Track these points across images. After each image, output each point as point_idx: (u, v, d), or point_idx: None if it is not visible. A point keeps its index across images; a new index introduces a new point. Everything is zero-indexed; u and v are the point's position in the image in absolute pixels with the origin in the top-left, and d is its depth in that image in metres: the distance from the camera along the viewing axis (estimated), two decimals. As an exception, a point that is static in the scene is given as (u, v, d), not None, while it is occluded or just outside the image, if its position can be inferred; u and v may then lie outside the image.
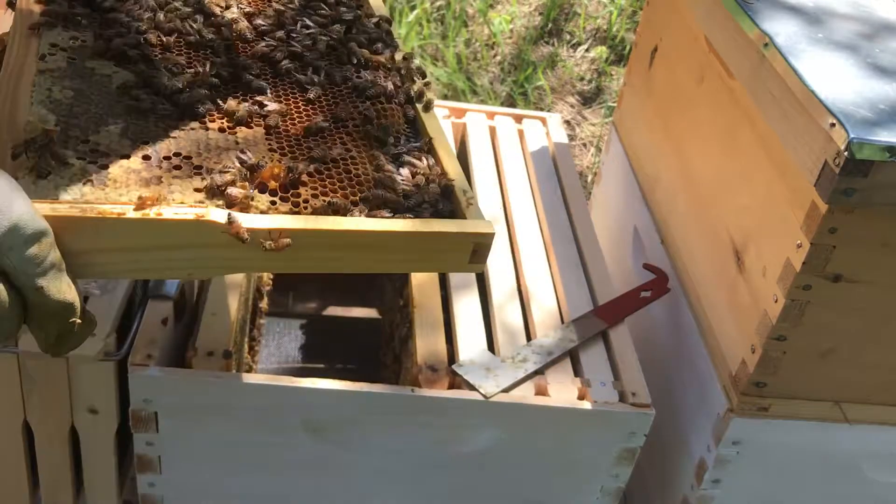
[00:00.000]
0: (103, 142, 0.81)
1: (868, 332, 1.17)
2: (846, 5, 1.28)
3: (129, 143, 0.82)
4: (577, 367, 1.24)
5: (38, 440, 1.22)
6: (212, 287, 1.26)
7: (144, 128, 0.83)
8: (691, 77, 1.47)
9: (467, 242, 0.81)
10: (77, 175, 0.76)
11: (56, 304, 0.70)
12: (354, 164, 0.87)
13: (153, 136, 0.82)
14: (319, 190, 0.83)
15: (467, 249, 0.81)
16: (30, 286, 0.68)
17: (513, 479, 1.24)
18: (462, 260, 0.82)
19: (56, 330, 0.72)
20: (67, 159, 0.78)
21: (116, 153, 0.81)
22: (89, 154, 0.80)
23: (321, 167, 0.85)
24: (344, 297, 2.06)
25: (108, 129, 0.82)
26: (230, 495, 1.24)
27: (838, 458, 1.29)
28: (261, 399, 1.13)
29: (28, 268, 0.68)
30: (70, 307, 0.71)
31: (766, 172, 1.19)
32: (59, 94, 0.84)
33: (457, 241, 0.81)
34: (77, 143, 0.80)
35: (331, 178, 0.85)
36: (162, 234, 0.73)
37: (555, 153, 1.70)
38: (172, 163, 0.82)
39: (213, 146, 0.84)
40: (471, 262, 0.83)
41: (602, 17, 3.49)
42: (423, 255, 0.83)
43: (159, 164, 0.80)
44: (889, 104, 1.04)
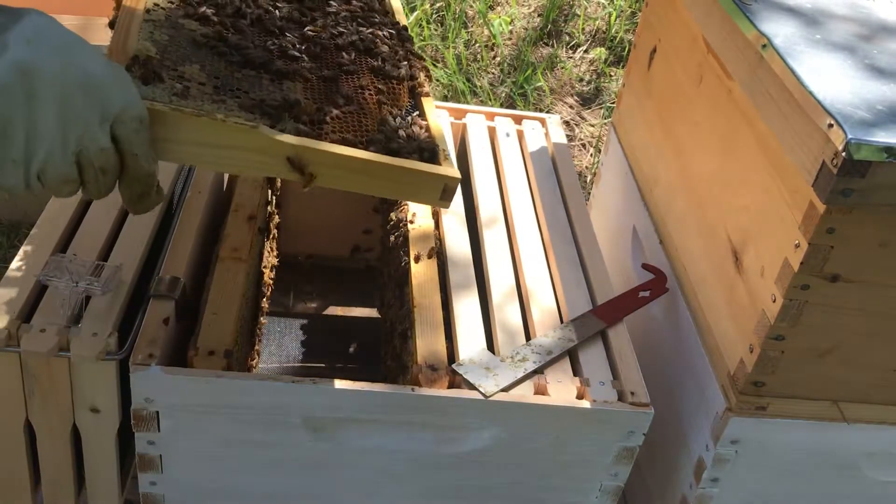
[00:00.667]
0: (188, 72, 1.06)
1: (866, 331, 1.17)
2: (844, 6, 1.29)
3: (206, 76, 1.08)
4: (576, 366, 1.24)
5: (40, 439, 1.22)
6: (213, 286, 1.27)
7: (217, 68, 1.10)
8: (690, 78, 1.47)
9: (439, 182, 1.06)
10: (168, 89, 1.01)
11: (144, 170, 0.92)
12: (366, 118, 1.13)
13: (223, 74, 1.10)
14: (338, 129, 1.09)
15: (438, 187, 1.07)
16: (130, 152, 0.91)
17: (512, 479, 1.24)
18: (434, 196, 1.07)
19: (139, 190, 0.94)
20: (163, 77, 1.02)
21: (196, 80, 1.06)
22: (177, 77, 1.04)
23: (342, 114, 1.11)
24: (344, 297, 2.06)
25: (192, 65, 1.08)
26: (231, 494, 1.24)
27: (836, 458, 1.30)
28: (262, 398, 1.14)
29: (132, 137, 0.90)
30: (153, 174, 0.94)
31: (764, 173, 1.20)
32: (158, 36, 1.10)
33: (430, 179, 1.06)
34: (168, 70, 1.05)
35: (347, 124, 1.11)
36: (223, 135, 0.98)
37: (554, 154, 1.71)
38: (235, 93, 1.07)
39: (266, 86, 1.11)
40: (441, 198, 1.07)
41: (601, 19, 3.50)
42: (404, 186, 1.08)
43: (226, 93, 1.06)
44: (887, 105, 1.05)
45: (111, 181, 0.91)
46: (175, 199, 1.45)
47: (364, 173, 1.04)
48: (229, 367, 1.15)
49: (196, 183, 1.45)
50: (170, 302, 1.21)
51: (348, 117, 1.12)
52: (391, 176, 1.05)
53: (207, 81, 1.06)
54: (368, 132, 1.11)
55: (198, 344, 1.17)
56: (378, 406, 1.15)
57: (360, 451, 1.20)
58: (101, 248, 1.27)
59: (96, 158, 0.88)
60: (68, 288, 1.15)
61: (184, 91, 1.02)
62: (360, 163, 1.03)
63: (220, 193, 1.57)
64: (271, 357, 1.85)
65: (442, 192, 1.07)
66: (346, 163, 1.03)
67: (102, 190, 0.91)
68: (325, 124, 1.08)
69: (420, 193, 1.08)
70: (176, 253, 1.30)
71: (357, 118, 1.13)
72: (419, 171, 1.06)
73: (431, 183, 1.06)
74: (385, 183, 1.06)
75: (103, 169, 0.89)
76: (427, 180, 1.06)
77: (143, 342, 1.14)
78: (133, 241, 1.29)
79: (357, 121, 1.12)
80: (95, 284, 1.16)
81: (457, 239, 1.44)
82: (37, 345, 1.11)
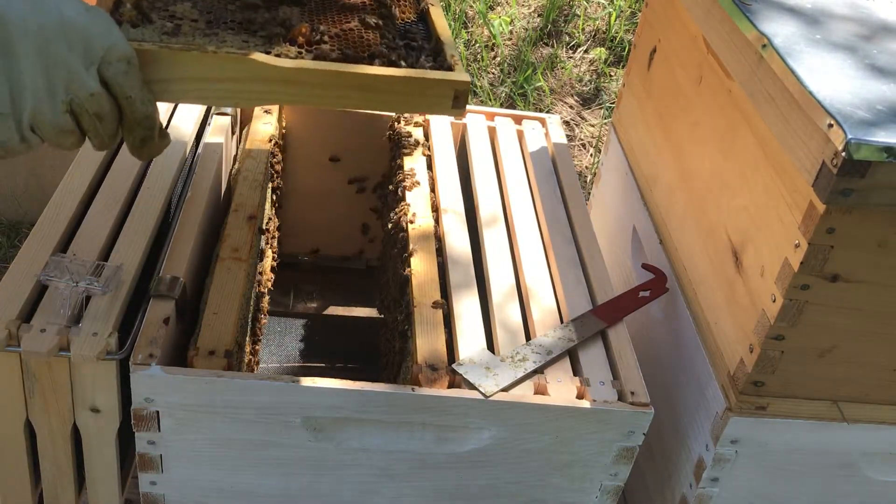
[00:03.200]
0: (179, 10, 1.07)
1: (866, 331, 1.17)
2: (844, 6, 1.29)
3: (198, 12, 1.08)
4: (576, 366, 1.24)
5: (40, 439, 1.22)
6: (213, 286, 1.27)
7: (210, 3, 1.10)
8: (690, 78, 1.48)
9: (449, 88, 1.02)
10: (157, 29, 1.02)
11: (141, 112, 0.91)
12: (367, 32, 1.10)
13: (216, 8, 1.09)
14: (338, 46, 1.06)
15: (449, 94, 1.02)
16: (123, 95, 0.90)
17: (512, 478, 1.24)
18: (446, 104, 1.03)
19: (141, 134, 0.93)
20: (152, 18, 1.03)
21: (188, 17, 1.06)
22: (168, 17, 1.05)
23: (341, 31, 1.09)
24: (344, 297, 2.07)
25: (183, 3, 1.08)
26: (231, 494, 1.24)
27: (836, 457, 1.30)
28: (262, 398, 1.14)
29: (123, 80, 0.89)
30: (152, 116, 0.93)
31: (764, 173, 1.20)
32: None
33: (441, 86, 1.02)
34: (159, 11, 1.05)
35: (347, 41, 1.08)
36: (217, 67, 0.96)
37: (554, 154, 1.71)
38: (229, 25, 1.06)
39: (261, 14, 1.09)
40: (453, 106, 1.03)
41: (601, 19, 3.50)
42: (413, 98, 1.03)
43: (218, 25, 1.06)
44: (887, 105, 1.05)
45: (111, 127, 0.91)
46: (175, 199, 1.45)
47: (369, 89, 1.00)
48: (229, 367, 1.15)
49: (196, 183, 1.45)
50: (170, 302, 1.21)
51: (348, 34, 1.09)
52: (398, 89, 1.01)
53: (200, 17, 1.06)
54: (371, 46, 1.07)
55: (198, 344, 1.17)
56: (378, 406, 1.15)
57: (360, 451, 1.20)
58: (101, 248, 1.27)
59: (88, 104, 0.87)
60: (68, 288, 1.15)
61: (174, 29, 1.01)
62: (363, 78, 0.99)
63: (220, 193, 1.57)
64: (271, 357, 1.85)
65: (454, 99, 1.03)
66: (347, 80, 0.99)
67: (105, 138, 0.91)
68: (322, 43, 1.05)
69: (431, 104, 1.04)
70: (176, 253, 1.30)
71: (358, 34, 1.09)
72: (426, 80, 1.02)
73: (440, 90, 1.02)
74: (392, 97, 1.02)
75: (98, 115, 0.88)
76: (435, 87, 1.02)
77: (144, 342, 1.14)
78: (133, 241, 1.29)
79: (358, 36, 1.09)
80: (95, 284, 1.16)
81: (457, 239, 1.44)
82: (37, 345, 1.11)
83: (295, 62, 0.99)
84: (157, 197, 1.39)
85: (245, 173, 1.54)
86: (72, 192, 1.37)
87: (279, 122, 1.76)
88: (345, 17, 1.12)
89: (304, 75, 0.98)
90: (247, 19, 1.08)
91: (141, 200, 1.38)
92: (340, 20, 1.12)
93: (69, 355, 1.12)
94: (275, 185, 1.75)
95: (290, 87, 0.99)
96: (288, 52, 1.03)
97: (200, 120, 1.62)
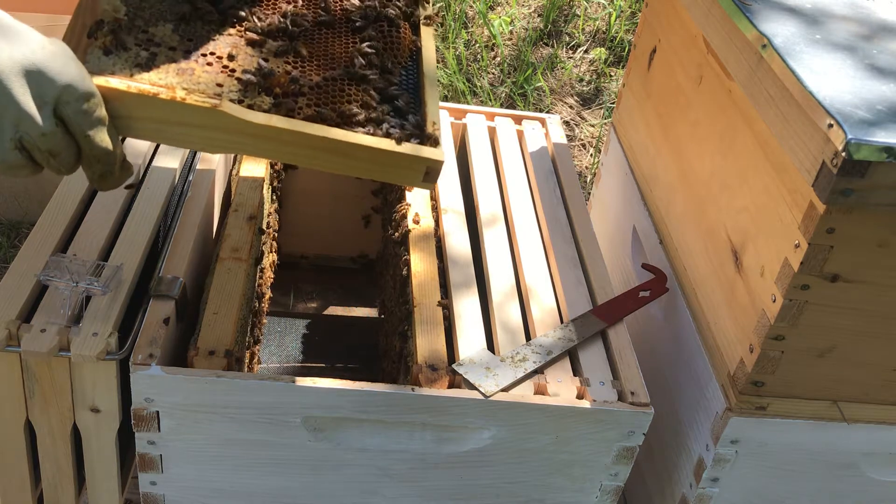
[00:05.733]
0: (158, 34, 1.02)
1: (866, 331, 1.17)
2: (844, 6, 1.29)
3: (178, 38, 1.03)
4: (576, 366, 1.24)
5: (41, 439, 1.22)
6: (213, 286, 1.27)
7: (192, 29, 1.05)
8: (690, 78, 1.48)
9: (421, 165, 0.99)
10: (130, 59, 0.97)
11: (100, 150, 0.90)
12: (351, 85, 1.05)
13: (198, 35, 1.04)
14: (314, 101, 1.01)
15: (421, 170, 1.00)
16: (81, 134, 0.89)
17: (512, 478, 1.24)
18: (416, 178, 1.01)
19: (100, 170, 0.93)
20: (127, 45, 0.99)
21: (166, 45, 1.01)
22: (145, 42, 1.00)
23: (324, 81, 1.03)
24: (344, 297, 2.07)
25: (165, 24, 1.03)
26: (231, 494, 1.24)
27: (836, 457, 1.30)
28: (262, 398, 1.14)
29: (79, 119, 0.88)
30: (111, 153, 0.92)
31: (764, 173, 1.20)
32: None
33: (413, 162, 0.99)
34: (138, 31, 1.01)
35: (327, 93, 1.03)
36: (184, 113, 0.93)
37: (554, 154, 1.71)
38: (207, 59, 1.01)
39: (243, 51, 1.04)
40: (423, 180, 1.01)
41: (601, 19, 3.50)
42: (385, 168, 1.00)
43: (196, 59, 1.01)
44: (887, 105, 1.05)
45: (67, 161, 0.90)
46: (175, 199, 1.45)
47: (338, 154, 0.97)
48: (229, 367, 1.15)
49: (196, 183, 1.45)
50: (170, 302, 1.22)
51: (329, 85, 1.03)
52: (367, 157, 0.98)
53: (178, 46, 1.01)
54: (350, 103, 1.02)
55: (198, 344, 1.17)
56: (378, 406, 1.15)
57: (360, 451, 1.20)
58: (101, 248, 1.27)
59: (41, 143, 0.86)
60: (68, 288, 1.15)
61: (148, 60, 0.97)
62: (332, 143, 0.96)
63: (220, 193, 1.58)
64: (271, 357, 1.85)
65: (424, 174, 1.00)
66: (316, 142, 0.96)
67: (62, 170, 0.90)
68: (300, 96, 1.00)
69: (401, 176, 1.01)
70: (176, 253, 1.30)
71: (339, 86, 1.04)
72: (397, 154, 0.99)
73: (412, 165, 0.99)
74: (362, 164, 0.99)
75: (52, 152, 0.88)
76: (407, 162, 0.99)
77: (144, 342, 1.14)
78: (133, 241, 1.29)
79: (339, 89, 1.03)
80: (96, 284, 1.16)
81: (457, 239, 1.44)
82: (37, 345, 1.11)
83: (265, 117, 0.95)
84: (157, 197, 1.39)
85: (245, 173, 1.54)
86: (72, 192, 1.37)
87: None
88: (332, 63, 1.06)
89: (273, 132, 0.95)
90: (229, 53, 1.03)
91: (141, 200, 1.38)
92: (326, 66, 1.06)
93: (69, 355, 1.12)
94: (274, 185, 1.75)
95: (258, 141, 0.96)
96: (262, 102, 0.98)
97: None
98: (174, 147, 1.41)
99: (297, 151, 0.97)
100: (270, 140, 0.96)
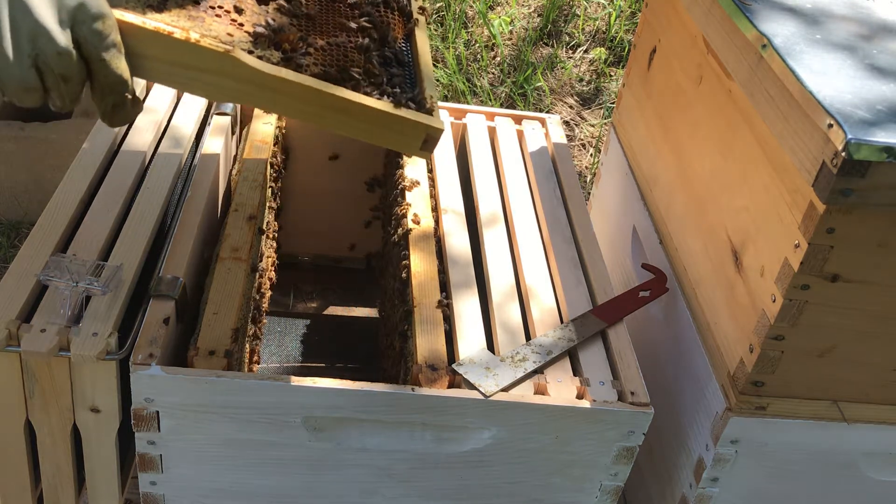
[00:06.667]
0: None
1: (866, 331, 1.17)
2: (844, 6, 1.29)
3: None
4: (576, 366, 1.24)
5: (40, 439, 1.22)
6: (213, 286, 1.27)
7: None
8: (689, 78, 1.48)
9: (422, 131, 1.01)
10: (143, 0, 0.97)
11: (115, 76, 0.88)
12: (354, 53, 1.07)
13: None
14: (321, 61, 1.03)
15: (420, 137, 1.01)
16: (95, 57, 0.87)
17: (512, 478, 1.24)
18: (415, 145, 1.02)
19: (112, 100, 0.91)
20: None
21: None
22: None
23: (328, 45, 1.05)
24: (344, 297, 2.07)
25: None
26: (231, 494, 1.24)
27: (836, 457, 1.30)
28: (262, 398, 1.14)
29: (95, 40, 0.86)
30: (125, 82, 0.90)
31: (763, 173, 1.20)
32: None
33: (412, 127, 1.00)
34: None
35: (332, 56, 1.05)
36: (197, 56, 0.93)
37: (554, 154, 1.71)
38: (216, 11, 1.02)
39: (251, 9, 1.05)
40: (421, 148, 1.02)
41: (601, 19, 3.50)
42: (384, 132, 1.01)
43: (206, 10, 1.01)
44: (887, 105, 1.05)
45: (74, 89, 0.88)
46: (175, 199, 1.45)
47: (343, 113, 0.99)
48: (229, 367, 1.15)
49: (196, 183, 1.45)
50: (170, 302, 1.22)
51: (334, 49, 1.06)
52: (370, 118, 0.99)
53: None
54: (354, 67, 1.04)
55: (198, 344, 1.17)
56: (378, 406, 1.15)
57: (361, 450, 1.20)
58: (101, 248, 1.27)
59: (55, 63, 0.84)
60: (68, 288, 1.15)
61: (160, 4, 0.97)
62: (340, 101, 0.98)
63: (221, 193, 1.58)
64: (271, 357, 1.85)
65: (423, 142, 1.01)
66: (324, 99, 0.97)
67: (66, 99, 0.88)
68: (307, 55, 1.02)
69: (400, 141, 1.02)
70: (176, 253, 1.30)
71: (343, 51, 1.06)
72: (401, 118, 1.00)
73: (413, 131, 1.01)
74: (364, 126, 1.00)
75: (64, 76, 0.86)
76: (409, 127, 1.00)
77: (144, 342, 1.14)
78: (133, 241, 1.29)
79: (343, 54, 1.06)
80: (96, 284, 1.16)
81: (457, 239, 1.44)
82: (37, 345, 1.11)
83: (275, 68, 0.97)
84: (157, 197, 1.39)
85: (245, 173, 1.54)
86: (72, 192, 1.37)
87: (279, 122, 1.76)
88: (335, 30, 1.09)
89: (282, 84, 0.96)
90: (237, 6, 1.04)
91: (141, 200, 1.38)
92: (330, 32, 1.09)
93: (69, 355, 1.12)
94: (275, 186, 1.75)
95: (265, 93, 0.97)
96: (272, 56, 1.00)
97: (200, 120, 1.62)
98: (173, 151, 1.44)
99: (302, 107, 0.98)
100: (277, 92, 0.97)
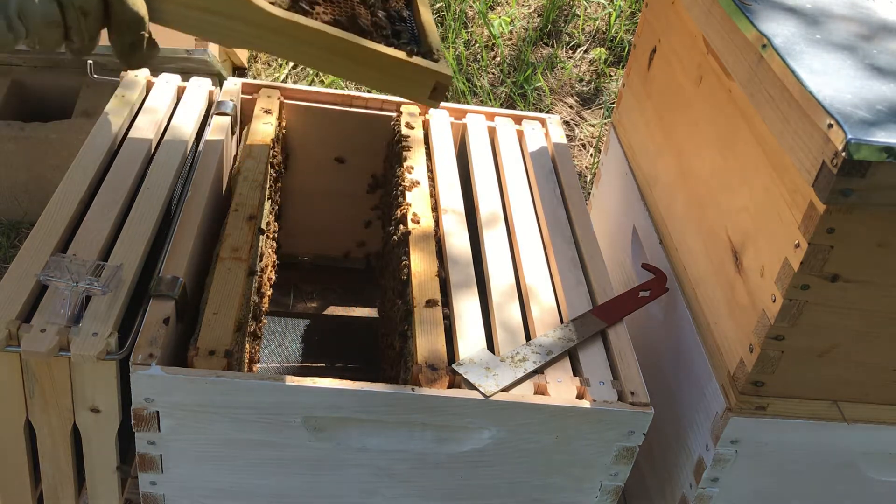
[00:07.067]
0: None
1: (866, 331, 1.17)
2: (844, 6, 1.29)
3: None
4: (576, 366, 1.24)
5: (40, 439, 1.22)
6: (213, 286, 1.27)
7: None
8: (690, 78, 1.48)
9: (430, 78, 1.04)
10: None
11: (131, 13, 0.90)
12: (361, 7, 1.10)
13: None
14: (331, 11, 1.06)
15: (429, 84, 1.05)
16: None
17: (512, 478, 1.24)
18: (424, 93, 1.06)
19: (130, 38, 0.92)
20: None
21: None
22: None
23: (335, 1, 1.08)
24: (344, 297, 2.07)
25: None
26: (231, 494, 1.24)
27: (836, 457, 1.30)
28: (262, 398, 1.14)
29: None
30: (142, 21, 0.92)
31: (764, 173, 1.20)
32: None
33: (422, 75, 1.04)
34: None
35: (341, 8, 1.08)
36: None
37: (554, 154, 1.71)
38: None
39: None
40: (430, 97, 1.06)
41: (601, 19, 3.50)
42: (394, 80, 1.04)
43: None
44: (887, 105, 1.05)
45: (94, 26, 0.90)
46: (175, 199, 1.45)
47: (355, 60, 1.01)
48: (229, 367, 1.15)
49: (196, 183, 1.45)
50: (170, 302, 1.21)
51: (342, 3, 1.09)
52: (381, 65, 1.02)
53: None
54: (361, 19, 1.07)
55: (198, 344, 1.17)
56: (378, 406, 1.15)
57: (361, 451, 1.20)
58: (101, 248, 1.27)
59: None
60: (68, 288, 1.15)
61: None
62: (353, 48, 1.00)
63: (220, 193, 1.58)
64: (271, 357, 1.85)
65: (432, 89, 1.05)
66: (337, 45, 1.00)
67: (85, 36, 0.89)
68: (317, 4, 1.05)
69: (410, 89, 1.06)
70: (176, 253, 1.30)
71: (350, 5, 1.10)
72: (411, 64, 1.03)
73: (422, 78, 1.04)
74: (376, 73, 1.03)
75: (84, 10, 0.87)
76: (418, 75, 1.04)
77: (144, 342, 1.14)
78: (133, 241, 1.29)
79: (350, 7, 1.09)
80: (96, 284, 1.16)
81: (457, 239, 1.44)
82: (37, 345, 1.11)
83: (289, 14, 0.99)
84: (157, 197, 1.39)
85: (245, 173, 1.54)
86: (72, 192, 1.37)
87: (279, 122, 1.76)
88: None
89: (295, 29, 0.98)
90: None
91: (141, 200, 1.38)
92: None
93: (69, 355, 1.12)
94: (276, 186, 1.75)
95: (277, 37, 0.99)
96: (282, 2, 1.02)
97: (200, 119, 1.62)
98: (173, 151, 1.44)
99: (313, 53, 1.00)
100: (290, 37, 0.99)
